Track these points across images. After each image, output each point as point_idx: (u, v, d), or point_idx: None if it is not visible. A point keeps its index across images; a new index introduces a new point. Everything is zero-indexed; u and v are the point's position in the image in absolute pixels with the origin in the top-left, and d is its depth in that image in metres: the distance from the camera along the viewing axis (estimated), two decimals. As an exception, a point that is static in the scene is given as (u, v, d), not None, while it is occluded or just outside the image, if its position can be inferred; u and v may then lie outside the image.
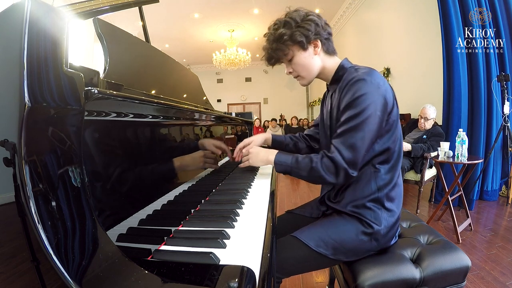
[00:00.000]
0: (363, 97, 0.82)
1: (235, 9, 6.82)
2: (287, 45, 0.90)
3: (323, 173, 0.85)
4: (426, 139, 2.82)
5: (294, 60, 0.93)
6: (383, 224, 0.88)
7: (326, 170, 0.84)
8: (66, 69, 0.40)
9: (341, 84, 0.91)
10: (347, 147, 0.83)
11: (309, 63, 0.93)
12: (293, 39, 0.89)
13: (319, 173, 0.85)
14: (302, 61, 0.93)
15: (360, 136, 0.82)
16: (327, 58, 0.95)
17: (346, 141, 0.83)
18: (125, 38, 0.95)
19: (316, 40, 0.91)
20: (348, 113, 0.84)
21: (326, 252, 0.86)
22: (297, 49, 0.91)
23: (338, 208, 0.93)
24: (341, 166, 0.82)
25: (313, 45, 0.91)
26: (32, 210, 0.33)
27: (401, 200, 0.95)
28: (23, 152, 0.33)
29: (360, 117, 0.82)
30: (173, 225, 0.65)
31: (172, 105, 0.77)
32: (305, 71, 0.95)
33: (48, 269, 0.33)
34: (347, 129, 0.83)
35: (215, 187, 1.02)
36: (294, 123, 8.38)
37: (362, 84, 0.83)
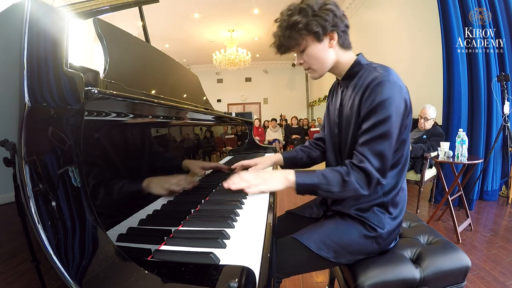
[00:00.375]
0: (387, 101, 0.77)
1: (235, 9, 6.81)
2: (302, 34, 0.82)
3: (358, 186, 0.78)
4: (426, 139, 2.82)
5: (307, 51, 0.85)
6: (386, 228, 0.87)
7: (360, 182, 0.79)
8: (66, 69, 0.40)
9: (356, 82, 0.87)
10: (375, 156, 0.78)
11: (323, 56, 0.86)
12: (308, 29, 0.81)
13: (353, 186, 0.78)
14: (315, 53, 0.85)
15: (388, 143, 0.78)
16: (341, 52, 0.89)
17: (374, 149, 0.78)
18: (125, 38, 0.95)
19: (333, 32, 0.83)
20: (373, 119, 0.78)
21: (327, 255, 0.85)
22: (312, 40, 0.83)
23: (341, 210, 0.92)
24: (373, 176, 0.78)
25: (329, 37, 0.84)
26: (32, 210, 0.33)
27: (405, 205, 0.93)
28: (23, 152, 0.33)
29: (386, 124, 0.77)
30: (173, 225, 0.65)
31: (172, 105, 0.77)
32: (318, 64, 0.88)
33: (48, 269, 0.33)
34: (374, 137, 0.78)
35: (215, 187, 1.02)
36: (294, 123, 8.38)
37: (385, 87, 0.78)
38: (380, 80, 0.79)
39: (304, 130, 8.22)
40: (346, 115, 0.90)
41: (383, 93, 0.77)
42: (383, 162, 0.79)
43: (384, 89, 0.77)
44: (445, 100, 2.98)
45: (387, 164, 0.80)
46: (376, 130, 0.78)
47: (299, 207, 1.14)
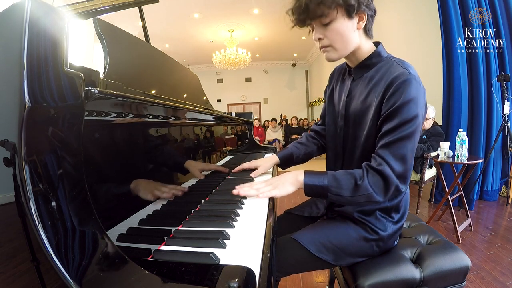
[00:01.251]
0: (414, 101, 0.72)
1: (235, 9, 6.81)
2: (337, 2, 0.73)
3: (372, 191, 0.71)
4: (426, 139, 2.82)
5: (332, 26, 0.77)
6: (388, 231, 0.86)
7: (375, 187, 0.72)
8: (66, 69, 0.40)
9: (373, 74, 0.82)
10: (397, 159, 0.72)
11: (348, 34, 0.78)
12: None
13: (367, 191, 0.71)
14: (342, 30, 0.77)
15: (411, 146, 0.73)
16: (364, 38, 0.83)
17: (396, 152, 0.72)
18: (125, 38, 0.95)
19: (364, 13, 0.78)
20: (397, 120, 0.72)
21: (327, 257, 0.84)
22: (342, 14, 0.76)
23: (343, 211, 0.90)
24: (392, 181, 0.71)
25: (359, 17, 0.78)
26: (32, 210, 0.33)
27: (407, 208, 0.92)
28: (23, 152, 0.33)
29: (411, 125, 0.72)
30: (173, 225, 0.65)
31: (172, 105, 0.77)
32: (342, 43, 0.79)
33: (48, 269, 0.33)
34: (397, 139, 0.72)
35: (215, 187, 1.02)
36: (294, 123, 8.38)
37: (412, 86, 0.72)
38: (407, 78, 0.73)
39: (304, 130, 8.22)
40: (356, 108, 0.85)
41: (409, 92, 0.72)
42: (405, 167, 0.72)
43: (411, 88, 0.72)
44: (445, 100, 2.98)
45: (408, 169, 0.73)
46: (399, 132, 0.72)
47: (298, 206, 1.13)
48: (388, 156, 0.72)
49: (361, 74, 0.86)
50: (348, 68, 0.92)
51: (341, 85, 0.95)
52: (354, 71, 0.88)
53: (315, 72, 10.82)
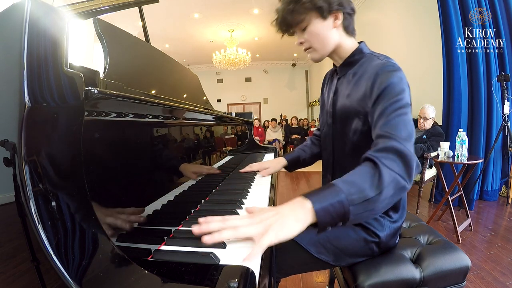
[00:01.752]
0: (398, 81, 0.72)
1: (235, 9, 6.82)
2: (306, 8, 0.79)
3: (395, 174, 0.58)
4: (426, 139, 2.82)
5: (309, 28, 0.82)
6: (386, 231, 0.86)
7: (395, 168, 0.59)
8: (66, 69, 0.40)
9: (357, 70, 0.84)
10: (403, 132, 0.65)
11: (325, 34, 0.82)
12: (313, 3, 0.78)
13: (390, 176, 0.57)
14: (318, 31, 0.81)
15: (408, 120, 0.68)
16: (345, 36, 0.85)
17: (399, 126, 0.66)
18: (125, 38, 0.95)
19: (338, 12, 0.80)
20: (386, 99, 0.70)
21: (328, 258, 0.84)
22: (315, 16, 0.80)
23: None
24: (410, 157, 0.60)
25: (334, 17, 0.81)
26: (32, 210, 0.33)
27: (406, 208, 0.93)
28: (23, 152, 0.33)
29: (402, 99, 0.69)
30: (173, 225, 0.65)
31: (172, 105, 0.77)
32: (319, 43, 0.83)
33: (48, 269, 0.33)
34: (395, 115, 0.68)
35: (215, 187, 1.02)
36: (294, 123, 8.38)
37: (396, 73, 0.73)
38: (390, 68, 0.75)
39: (304, 130, 8.22)
40: (342, 104, 0.87)
41: (393, 77, 0.72)
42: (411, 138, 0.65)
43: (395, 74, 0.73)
44: (445, 100, 2.98)
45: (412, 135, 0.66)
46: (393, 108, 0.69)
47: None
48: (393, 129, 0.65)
49: (345, 72, 0.89)
50: (335, 68, 0.95)
51: (330, 85, 0.97)
52: (339, 69, 0.91)
53: (315, 72, 10.83)
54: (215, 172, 1.15)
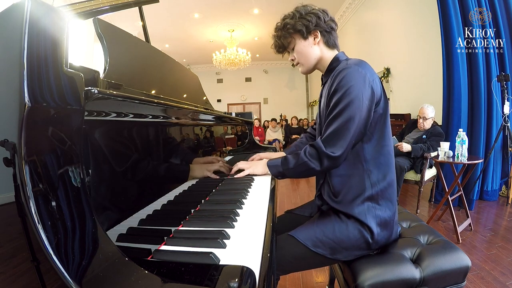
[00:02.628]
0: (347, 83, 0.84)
1: (235, 9, 6.82)
2: (290, 33, 0.98)
3: (307, 159, 0.88)
4: (426, 139, 2.82)
5: (296, 48, 1.00)
6: (376, 221, 0.88)
7: (309, 156, 0.88)
8: (66, 69, 0.40)
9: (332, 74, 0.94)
10: (330, 133, 0.85)
11: (307, 51, 0.99)
12: (294, 28, 0.96)
13: (302, 159, 0.88)
14: (301, 49, 0.99)
15: (344, 119, 0.83)
16: (326, 50, 1.00)
17: (330, 128, 0.85)
18: (125, 38, 0.95)
19: (316, 31, 0.97)
20: (333, 100, 0.87)
21: (324, 252, 0.86)
22: (298, 38, 0.98)
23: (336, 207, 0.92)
24: (320, 149, 0.85)
25: (313, 36, 0.97)
26: (32, 210, 0.33)
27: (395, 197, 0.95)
28: (23, 152, 0.33)
29: (343, 101, 0.84)
30: (173, 225, 0.65)
31: (172, 105, 0.77)
32: (303, 58, 1.01)
33: (48, 269, 0.33)
34: (332, 117, 0.86)
35: (215, 187, 1.02)
36: (294, 123, 8.38)
37: (347, 71, 0.86)
38: (342, 69, 0.89)
39: (304, 130, 8.22)
40: (321, 108, 1.01)
41: (342, 79, 0.86)
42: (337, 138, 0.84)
43: (344, 76, 0.86)
44: (445, 100, 2.98)
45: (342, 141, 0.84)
46: (333, 111, 0.86)
47: (299, 207, 1.15)
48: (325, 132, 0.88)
49: (327, 78, 1.02)
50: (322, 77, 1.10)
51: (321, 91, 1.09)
52: (323, 77, 1.06)
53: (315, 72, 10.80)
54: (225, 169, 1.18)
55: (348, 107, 0.83)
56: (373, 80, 0.87)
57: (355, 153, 0.89)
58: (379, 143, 0.90)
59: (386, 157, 0.91)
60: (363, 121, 0.85)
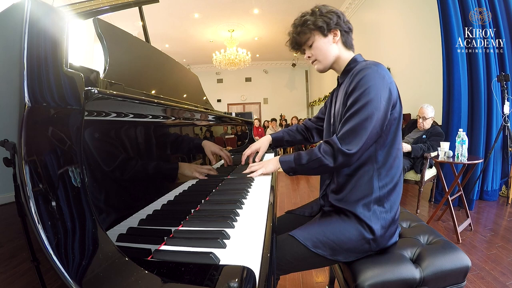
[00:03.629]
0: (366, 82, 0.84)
1: (235, 9, 6.81)
2: (310, 29, 0.97)
3: (320, 155, 0.87)
4: (425, 139, 2.82)
5: (314, 45, 0.99)
6: (380, 223, 0.87)
7: (324, 153, 0.87)
8: (66, 69, 0.40)
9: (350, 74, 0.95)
10: (346, 130, 0.85)
11: (326, 48, 0.99)
12: (315, 24, 0.96)
13: (316, 155, 0.88)
14: (321, 46, 0.98)
15: (361, 118, 0.83)
16: (344, 50, 1.01)
17: (347, 125, 0.85)
18: (125, 38, 0.95)
19: (336, 30, 0.97)
20: (351, 99, 0.87)
21: (324, 253, 0.86)
22: (318, 34, 0.97)
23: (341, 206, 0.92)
24: (335, 146, 0.85)
25: (333, 34, 0.97)
26: (32, 210, 0.33)
27: (398, 199, 0.95)
28: (23, 152, 0.33)
29: (362, 100, 0.84)
30: (173, 225, 0.65)
31: (172, 105, 0.77)
32: (322, 55, 1.00)
33: (48, 269, 0.33)
34: (350, 115, 0.86)
35: (215, 187, 1.02)
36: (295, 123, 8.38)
37: (367, 71, 0.86)
38: (361, 68, 0.89)
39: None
40: (337, 109, 0.99)
41: (361, 78, 0.86)
42: (353, 136, 0.83)
43: (364, 76, 0.86)
44: (445, 100, 2.98)
45: (355, 134, 0.84)
46: (350, 109, 0.86)
47: (300, 208, 1.15)
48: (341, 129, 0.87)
49: (343, 79, 1.01)
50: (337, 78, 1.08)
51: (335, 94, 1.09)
52: (340, 77, 1.05)
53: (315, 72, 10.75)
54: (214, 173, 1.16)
55: (366, 106, 0.83)
56: (391, 82, 0.88)
57: (367, 155, 0.89)
58: (392, 146, 0.91)
59: (396, 160, 0.92)
60: (380, 122, 0.85)
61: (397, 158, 0.92)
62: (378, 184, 0.89)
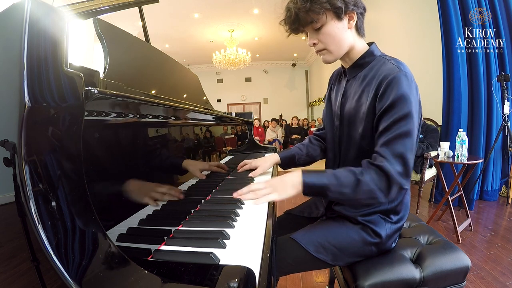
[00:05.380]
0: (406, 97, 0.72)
1: (235, 9, 6.81)
2: (324, 7, 0.76)
3: (374, 187, 0.70)
4: (423, 138, 2.83)
5: (324, 29, 0.79)
6: (386, 232, 0.86)
7: (377, 183, 0.71)
8: (66, 69, 0.40)
9: (367, 73, 0.83)
10: (397, 157, 0.71)
11: (341, 36, 0.80)
12: (331, 2, 0.75)
13: (368, 187, 0.70)
14: (334, 32, 0.79)
15: (409, 143, 0.73)
16: (357, 37, 0.84)
17: (395, 151, 0.72)
18: (125, 38, 0.95)
19: (353, 12, 0.79)
20: (392, 117, 0.73)
21: (326, 258, 0.84)
22: (331, 17, 0.78)
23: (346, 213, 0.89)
24: (394, 180, 0.70)
25: (349, 17, 0.80)
26: (32, 210, 0.33)
27: (408, 210, 0.92)
28: (23, 152, 0.33)
29: (407, 121, 0.72)
30: (173, 225, 0.65)
31: (172, 105, 0.77)
32: (335, 44, 0.81)
33: (48, 269, 0.33)
34: (394, 136, 0.72)
35: (215, 187, 1.02)
36: (295, 123, 8.38)
37: (403, 82, 0.73)
38: (396, 74, 0.74)
39: (304, 130, 8.23)
40: (350, 107, 0.86)
41: (401, 88, 0.72)
42: (405, 165, 0.72)
43: (402, 84, 0.73)
44: (445, 100, 2.98)
45: (409, 167, 0.73)
46: (395, 129, 0.72)
47: (298, 207, 1.13)
48: (387, 153, 0.72)
49: (355, 74, 0.88)
50: (343, 69, 0.93)
51: (338, 86, 0.96)
52: (349, 71, 0.90)
53: (315, 72, 10.82)
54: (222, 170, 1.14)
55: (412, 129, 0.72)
56: (417, 91, 0.77)
57: None
58: None
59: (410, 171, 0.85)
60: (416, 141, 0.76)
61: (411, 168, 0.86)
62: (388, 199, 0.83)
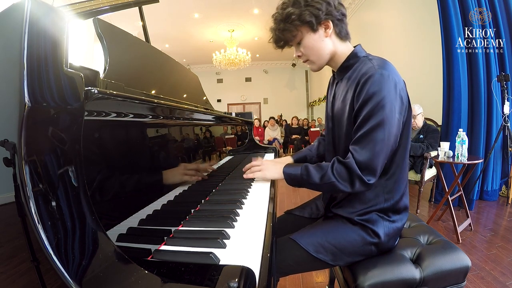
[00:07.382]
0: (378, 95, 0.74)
1: (235, 9, 6.81)
2: (295, 25, 0.81)
3: (335, 179, 0.78)
4: (423, 138, 2.83)
5: (303, 43, 0.85)
6: (385, 231, 0.86)
7: (338, 177, 0.78)
8: (66, 69, 0.40)
9: (351, 74, 0.85)
10: (363, 151, 0.75)
11: (319, 46, 0.85)
12: (301, 19, 0.80)
13: (330, 179, 0.78)
14: (311, 44, 0.84)
15: (379, 138, 0.75)
16: (339, 42, 0.87)
17: (363, 145, 0.76)
18: (125, 38, 0.95)
19: (327, 21, 0.82)
20: (364, 114, 0.76)
21: (326, 258, 0.84)
22: (306, 31, 0.83)
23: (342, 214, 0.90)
24: (354, 173, 0.75)
25: (324, 26, 0.83)
26: (32, 210, 0.33)
27: (407, 210, 0.92)
28: (23, 152, 0.33)
29: (377, 117, 0.74)
30: (173, 225, 0.65)
31: (172, 105, 0.77)
32: (315, 55, 0.86)
33: (48, 269, 0.33)
34: (365, 132, 0.76)
35: (215, 187, 1.02)
36: (295, 123, 8.38)
37: (377, 80, 0.75)
38: (372, 73, 0.76)
39: (304, 130, 8.22)
40: (338, 108, 0.89)
41: (372, 86, 0.75)
42: (372, 159, 0.75)
43: (376, 83, 0.75)
44: (445, 100, 2.98)
45: (376, 161, 0.75)
46: (365, 126, 0.76)
47: (298, 207, 1.14)
48: (355, 149, 0.77)
49: (342, 76, 0.91)
50: (333, 73, 0.98)
51: (331, 89, 1.00)
52: (336, 74, 0.94)
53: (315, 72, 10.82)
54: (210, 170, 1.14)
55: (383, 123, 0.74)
56: (402, 88, 0.78)
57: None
58: (400, 156, 0.84)
59: (404, 170, 0.87)
60: (394, 138, 0.77)
61: (406, 167, 0.88)
62: (384, 197, 0.86)
